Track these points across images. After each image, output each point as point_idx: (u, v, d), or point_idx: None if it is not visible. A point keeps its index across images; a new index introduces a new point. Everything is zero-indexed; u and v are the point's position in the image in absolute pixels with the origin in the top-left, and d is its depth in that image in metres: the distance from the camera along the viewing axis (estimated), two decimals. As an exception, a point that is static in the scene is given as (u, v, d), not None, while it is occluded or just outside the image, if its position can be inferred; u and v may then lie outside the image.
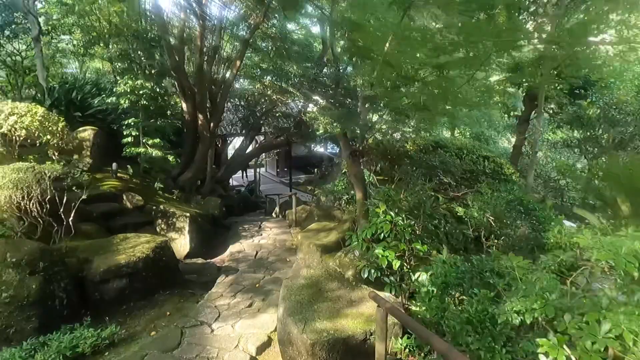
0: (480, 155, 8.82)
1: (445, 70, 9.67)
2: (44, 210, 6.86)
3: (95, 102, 13.07)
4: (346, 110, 10.05)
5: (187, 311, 6.54)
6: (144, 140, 12.31)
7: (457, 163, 8.15)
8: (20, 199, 6.37)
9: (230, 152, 24.68)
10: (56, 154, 8.16)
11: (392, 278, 5.20)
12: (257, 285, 7.47)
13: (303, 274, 4.83)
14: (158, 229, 9.48)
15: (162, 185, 12.30)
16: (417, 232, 5.14)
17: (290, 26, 16.87)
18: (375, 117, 9.49)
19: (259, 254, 9.42)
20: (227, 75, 14.51)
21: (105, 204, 9.99)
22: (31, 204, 6.63)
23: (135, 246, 7.17)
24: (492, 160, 8.62)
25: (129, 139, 12.14)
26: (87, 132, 11.77)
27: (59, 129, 7.87)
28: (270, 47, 15.03)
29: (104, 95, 13.02)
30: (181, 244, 9.27)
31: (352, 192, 11.04)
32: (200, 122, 14.03)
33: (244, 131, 20.34)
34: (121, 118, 12.64)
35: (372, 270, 5.12)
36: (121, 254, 6.86)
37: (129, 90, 11.73)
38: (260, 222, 12.38)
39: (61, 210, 6.94)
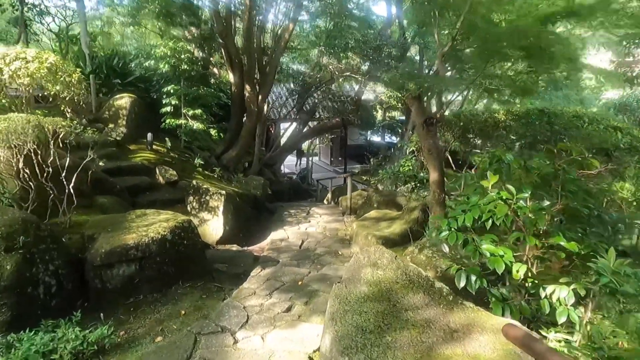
0: (609, 125, 6.51)
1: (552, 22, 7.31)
2: (45, 174, 5.59)
3: (134, 66, 12.00)
4: (418, 72, 8.08)
5: (208, 311, 5.00)
6: (184, 111, 11.04)
7: (584, 134, 5.96)
8: (11, 156, 5.10)
9: (283, 140, 23.40)
10: (69, 110, 6.95)
11: (506, 291, 3.25)
12: (299, 282, 5.78)
13: (366, 276, 3.03)
14: (189, 208, 8.07)
15: (202, 162, 10.99)
16: (556, 219, 3.16)
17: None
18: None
19: (305, 243, 7.74)
20: (279, 41, 12.90)
21: (135, 177, 8.76)
22: (22, 164, 5.36)
23: (151, 225, 5.72)
24: (627, 133, 6.31)
25: (169, 109, 10.93)
26: (123, 100, 10.70)
27: (74, 81, 6.65)
28: (327, 12, 13.20)
29: (141, 58, 11.92)
30: (214, 226, 7.79)
31: (422, 174, 9.04)
32: (247, 94, 12.57)
33: (298, 116, 18.80)
34: (162, 86, 11.46)
35: (474, 277, 3.19)
36: (132, 232, 5.43)
37: (169, 53, 10.46)
38: (309, 208, 10.70)
39: (63, 175, 5.63)
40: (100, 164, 7.15)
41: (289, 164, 27.26)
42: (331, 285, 3.95)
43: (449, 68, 7.19)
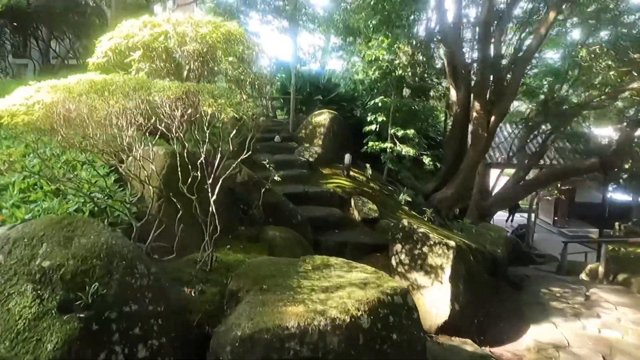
0: None
1: None
2: (191, 181, 3.50)
3: (338, 82, 10.26)
4: None
5: None
6: (391, 131, 8.49)
7: None
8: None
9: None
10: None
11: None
12: None
13: None
14: (394, 262, 5.13)
15: (409, 199, 8.11)
16: None
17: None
18: None
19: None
20: (528, 42, 9.35)
21: (323, 208, 6.42)
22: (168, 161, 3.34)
23: (336, 290, 2.97)
24: None
25: (373, 127, 8.57)
26: (322, 117, 8.86)
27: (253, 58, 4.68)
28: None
29: (346, 72, 10.11)
30: (434, 300, 4.61)
31: None
32: (475, 114, 9.32)
33: (516, 157, 14.39)
34: (367, 102, 9.29)
35: None
36: (298, 303, 2.73)
37: (380, 56, 8.20)
38: (581, 286, 6.43)
39: (214, 191, 3.43)
40: (276, 177, 4.95)
41: (498, 218, 22.24)
42: None
43: None
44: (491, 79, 9.44)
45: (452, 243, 4.84)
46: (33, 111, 2.25)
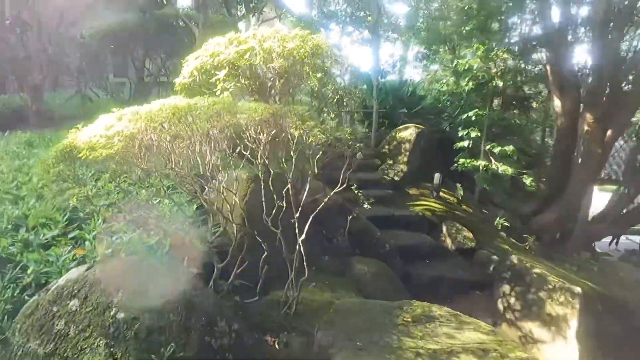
0: None
1: None
2: (276, 210, 3.15)
3: (424, 93, 9.59)
4: None
5: None
6: (487, 147, 7.62)
7: None
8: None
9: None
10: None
11: None
12: None
13: None
14: (501, 307, 4.36)
15: (507, 224, 7.19)
16: None
17: None
18: None
19: None
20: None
21: (411, 234, 5.80)
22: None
23: (447, 357, 2.38)
24: None
25: (465, 144, 7.77)
26: (408, 132, 8.24)
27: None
28: None
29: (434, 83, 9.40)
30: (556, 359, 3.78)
31: None
32: (587, 127, 8.07)
33: (623, 172, 12.39)
34: (457, 115, 8.50)
35: None
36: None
37: (475, 65, 7.42)
38: None
39: (295, 215, 3.04)
40: (366, 205, 4.47)
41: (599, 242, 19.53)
42: None
43: None
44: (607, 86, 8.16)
45: (577, 289, 3.98)
46: (112, 144, 2.01)
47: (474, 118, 7.55)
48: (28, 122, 7.58)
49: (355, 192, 4.70)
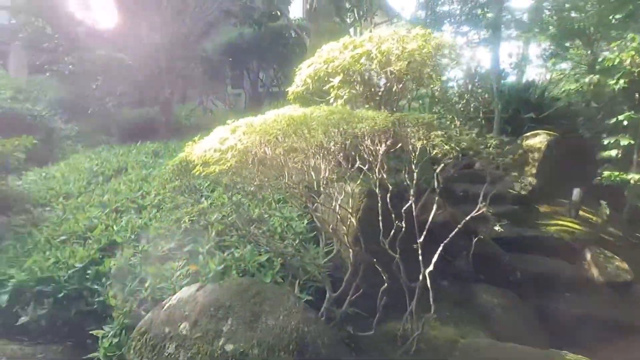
0: None
1: None
2: (394, 232, 2.81)
3: (559, 99, 8.41)
4: None
5: None
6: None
7: None
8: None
9: None
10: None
11: None
12: None
13: None
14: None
15: (670, 252, 5.82)
16: None
17: None
18: None
19: None
20: None
21: (545, 260, 4.96)
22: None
23: None
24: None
25: (612, 153, 6.54)
26: (537, 139, 7.22)
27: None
28: None
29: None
30: None
31: None
32: None
33: None
34: (600, 120, 7.24)
35: None
36: None
37: (627, 59, 6.20)
38: None
39: (420, 240, 2.65)
40: (497, 228, 3.88)
41: None
42: None
43: None
44: None
45: None
46: (225, 159, 1.86)
47: (625, 123, 6.30)
48: (158, 133, 8.33)
49: (484, 208, 4.10)
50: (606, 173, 6.57)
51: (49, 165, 5.52)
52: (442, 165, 3.11)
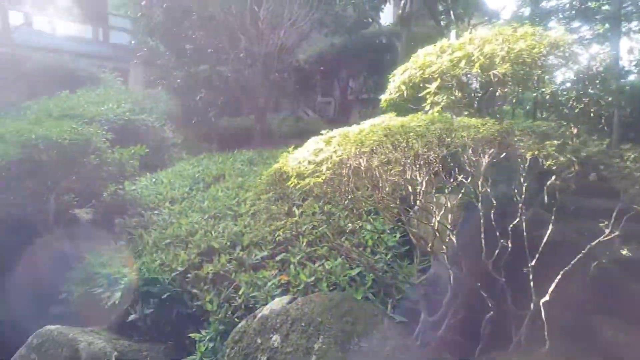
0: None
1: None
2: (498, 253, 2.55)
3: None
4: None
5: None
6: None
7: None
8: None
9: None
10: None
11: None
12: None
13: None
14: None
15: None
16: None
17: None
18: None
19: None
20: None
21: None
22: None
23: None
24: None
25: None
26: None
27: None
28: None
29: None
30: None
31: None
32: None
33: None
34: None
35: None
36: None
37: None
38: None
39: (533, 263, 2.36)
40: (624, 252, 3.38)
41: None
42: None
43: None
44: None
45: None
46: (320, 172, 1.80)
47: None
48: (253, 141, 8.72)
49: (603, 227, 3.58)
50: None
51: (159, 171, 6.03)
52: (553, 177, 2.81)
